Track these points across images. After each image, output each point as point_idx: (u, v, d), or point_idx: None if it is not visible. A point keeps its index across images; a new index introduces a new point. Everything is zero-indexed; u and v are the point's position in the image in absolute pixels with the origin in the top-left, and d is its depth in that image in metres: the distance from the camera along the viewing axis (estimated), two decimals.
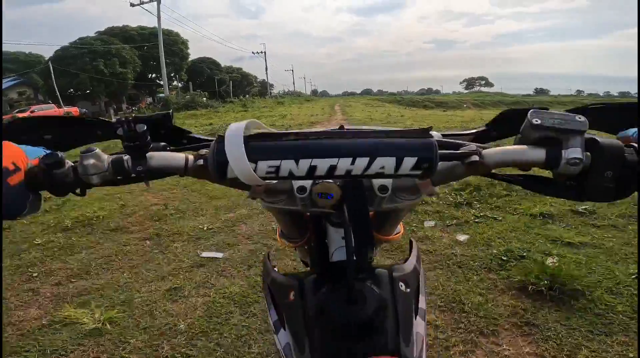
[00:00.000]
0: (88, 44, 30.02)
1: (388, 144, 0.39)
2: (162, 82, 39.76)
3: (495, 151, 0.44)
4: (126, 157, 0.43)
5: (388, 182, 0.49)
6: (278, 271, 0.59)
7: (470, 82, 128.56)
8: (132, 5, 26.57)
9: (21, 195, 0.39)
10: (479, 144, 0.45)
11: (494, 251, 2.54)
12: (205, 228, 3.18)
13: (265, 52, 63.10)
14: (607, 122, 0.52)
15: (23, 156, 0.40)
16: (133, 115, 0.48)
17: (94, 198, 4.04)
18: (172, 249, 2.85)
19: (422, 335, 0.50)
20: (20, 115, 14.42)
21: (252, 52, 64.22)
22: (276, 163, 0.39)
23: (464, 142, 0.46)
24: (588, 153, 0.41)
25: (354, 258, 0.47)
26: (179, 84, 43.97)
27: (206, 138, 0.57)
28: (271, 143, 0.40)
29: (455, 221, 3.10)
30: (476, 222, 3.07)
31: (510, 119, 0.56)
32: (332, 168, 0.39)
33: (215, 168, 0.40)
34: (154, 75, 38.48)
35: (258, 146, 0.39)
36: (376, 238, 0.64)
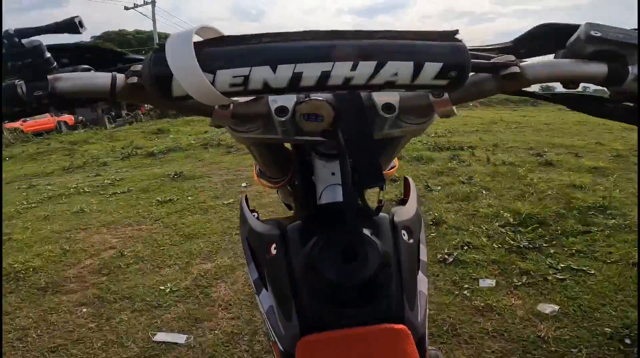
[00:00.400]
0: None
1: (404, 46, 0.30)
2: None
3: (538, 62, 0.37)
4: (19, 82, 0.34)
5: (395, 99, 0.39)
6: (258, 217, 0.51)
7: None
8: (127, 8, 25.80)
9: None
10: (514, 57, 0.36)
11: (607, 330, 1.64)
12: (167, 290, 2.24)
13: None
14: None
15: None
16: (14, 29, 0.33)
17: (34, 239, 3.14)
18: (115, 324, 1.96)
19: (425, 293, 0.43)
20: (10, 125, 13.53)
21: None
22: (244, 71, 0.30)
23: (496, 55, 0.37)
24: None
25: (350, 198, 0.38)
26: None
27: (130, 55, 0.45)
28: (235, 46, 0.30)
29: (525, 277, 2.15)
30: (559, 279, 2.11)
31: (546, 36, 0.44)
32: (325, 77, 0.30)
33: (154, 83, 0.31)
34: None
35: (215, 51, 0.30)
36: None
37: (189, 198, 4.14)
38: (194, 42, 0.29)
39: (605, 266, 2.18)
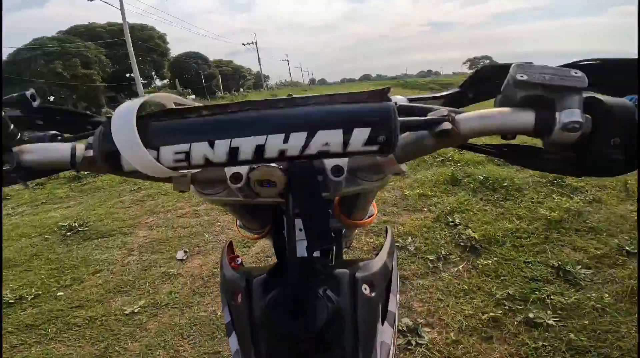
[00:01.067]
0: (41, 45, 26.57)
1: (331, 112, 0.30)
2: (155, 83, 36.93)
3: (471, 115, 0.34)
4: None
5: (343, 162, 0.40)
6: (241, 262, 0.54)
7: (474, 63, 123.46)
8: None
9: None
10: (452, 109, 0.35)
11: None
12: None
13: (256, 43, 59.96)
14: (607, 83, 0.37)
15: None
16: None
17: None
18: None
19: (388, 343, 0.44)
20: None
21: (242, 44, 61.19)
22: (184, 147, 0.30)
23: (432, 106, 0.36)
24: (588, 116, 0.32)
25: (307, 255, 0.41)
26: (160, 82, 40.58)
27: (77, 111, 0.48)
28: (176, 121, 0.31)
29: None
30: None
31: (489, 78, 0.44)
32: (260, 149, 0.30)
33: (103, 160, 0.32)
34: (130, 74, 35.08)
35: (157, 127, 0.31)
36: (347, 224, 0.58)
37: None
38: (138, 117, 0.30)
39: None
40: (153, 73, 39.34)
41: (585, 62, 0.38)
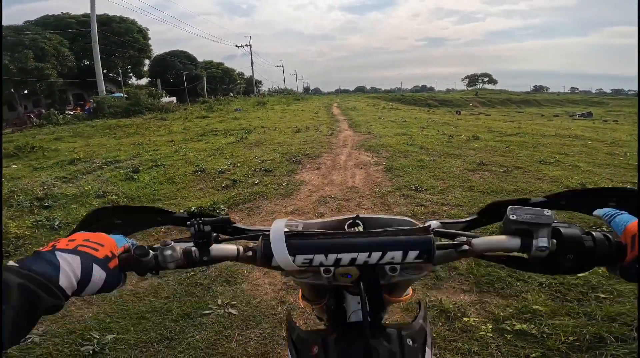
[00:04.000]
0: None
1: (397, 241, 0.55)
2: (131, 80, 33.68)
3: (481, 241, 0.58)
4: (193, 248, 0.57)
5: (397, 265, 0.60)
6: (300, 328, 0.70)
7: (472, 79, 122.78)
8: None
9: (117, 275, 0.53)
10: (470, 234, 0.61)
11: None
12: None
13: (250, 46, 57.26)
14: (582, 204, 0.65)
15: (115, 245, 0.54)
16: (201, 219, 0.58)
17: None
18: None
19: None
20: None
21: (236, 46, 58.33)
22: (310, 256, 0.55)
23: (458, 232, 0.63)
24: (554, 240, 0.54)
25: (369, 320, 0.58)
26: (137, 80, 37.45)
27: (248, 228, 0.70)
28: (306, 241, 0.56)
29: None
30: None
31: (496, 210, 0.66)
32: (353, 260, 0.55)
33: (263, 261, 0.58)
34: (104, 70, 31.92)
35: (296, 243, 0.55)
36: (387, 300, 0.72)
37: None
38: (285, 234, 0.56)
39: None
40: (129, 69, 36.13)
41: (565, 193, 0.66)
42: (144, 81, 40.27)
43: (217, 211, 3.85)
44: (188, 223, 0.57)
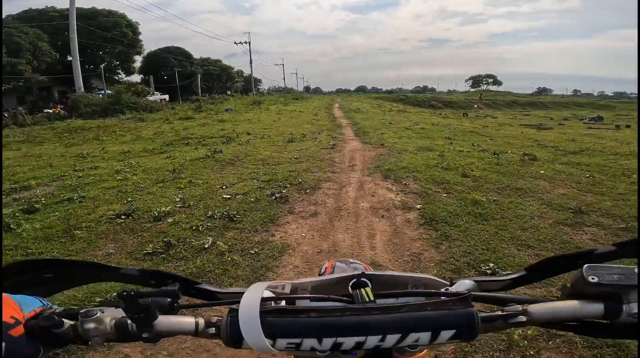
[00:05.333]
0: None
1: (423, 319, 0.39)
2: (121, 76, 31.64)
3: (545, 307, 0.43)
4: (129, 321, 0.43)
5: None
6: None
7: (476, 81, 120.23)
8: None
9: (25, 345, 0.41)
10: (523, 297, 0.47)
11: None
12: None
13: (249, 43, 55.21)
14: None
15: (18, 310, 0.42)
16: (133, 291, 0.43)
17: None
18: None
19: None
20: None
21: (235, 43, 56.32)
22: (297, 340, 0.40)
23: (506, 296, 0.47)
24: None
25: None
26: (126, 77, 35.24)
27: (217, 290, 0.55)
28: (290, 319, 0.40)
29: None
30: None
31: (554, 264, 0.53)
32: (360, 344, 0.39)
33: (229, 341, 0.42)
34: (91, 66, 29.82)
35: (276, 322, 0.40)
36: None
37: None
38: (260, 311, 0.40)
39: None
40: (117, 65, 34.02)
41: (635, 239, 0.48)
42: (137, 78, 38.33)
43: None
44: (117, 292, 0.44)
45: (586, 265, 0.43)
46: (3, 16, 25.13)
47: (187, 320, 0.45)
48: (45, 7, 30.36)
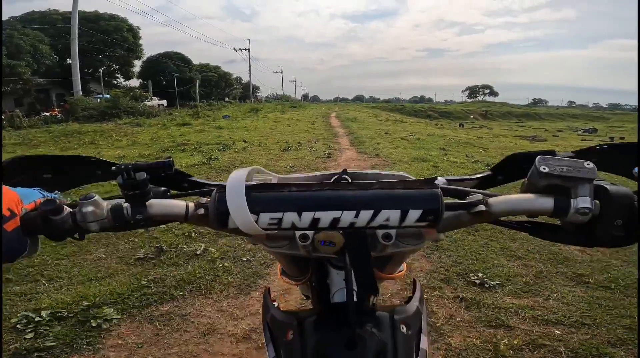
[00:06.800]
0: None
1: (393, 196, 0.41)
2: (119, 81, 31.65)
3: (501, 199, 0.45)
4: (125, 204, 0.44)
5: (392, 230, 0.49)
6: (278, 307, 0.60)
7: (473, 91, 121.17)
8: None
9: (18, 240, 0.41)
10: (485, 192, 0.48)
11: None
12: None
13: (248, 49, 55.57)
14: (617, 163, 0.54)
15: (18, 201, 0.41)
16: (131, 164, 0.45)
17: None
18: None
19: None
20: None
21: (234, 49, 56.66)
22: (278, 215, 0.41)
23: (470, 190, 0.49)
24: (597, 201, 0.41)
25: (355, 301, 0.50)
26: (125, 81, 35.32)
27: (208, 182, 0.61)
28: (273, 193, 0.42)
29: None
30: None
31: (516, 163, 0.57)
32: (336, 221, 0.41)
33: (216, 219, 0.42)
34: (90, 70, 29.90)
35: (260, 197, 0.41)
36: (378, 276, 0.64)
37: None
38: (245, 186, 0.41)
39: None
40: (116, 69, 34.12)
41: (598, 147, 0.54)
42: (136, 83, 38.41)
43: None
44: (113, 167, 0.45)
45: (539, 156, 0.44)
46: (4, 18, 25.21)
47: (178, 203, 0.46)
48: (48, 9, 30.52)
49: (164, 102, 32.68)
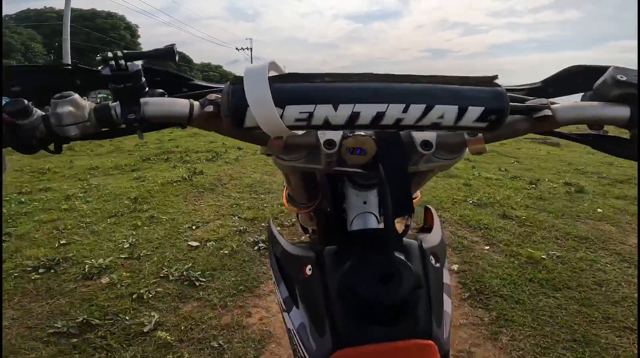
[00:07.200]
0: None
1: (450, 91, 0.35)
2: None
3: (569, 105, 0.42)
4: (114, 103, 0.39)
5: (432, 136, 0.44)
6: (287, 240, 0.55)
7: None
8: None
9: None
10: (547, 99, 0.43)
11: None
12: None
13: (251, 49, 54.84)
14: None
15: None
16: (123, 51, 0.39)
17: None
18: None
19: (449, 313, 0.48)
20: None
21: (236, 48, 56.00)
22: (309, 107, 0.34)
23: (529, 97, 0.45)
24: None
25: (381, 227, 0.44)
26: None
27: (214, 85, 0.52)
28: (302, 84, 0.35)
29: None
30: None
31: (574, 77, 0.53)
32: (379, 116, 0.34)
33: (231, 114, 0.35)
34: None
35: (287, 87, 0.35)
36: None
37: None
38: (268, 77, 0.34)
39: None
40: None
41: None
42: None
43: None
44: (99, 56, 0.38)
45: (613, 66, 0.42)
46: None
47: (179, 101, 0.40)
48: (44, 7, 29.85)
49: None
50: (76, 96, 0.37)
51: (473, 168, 5.92)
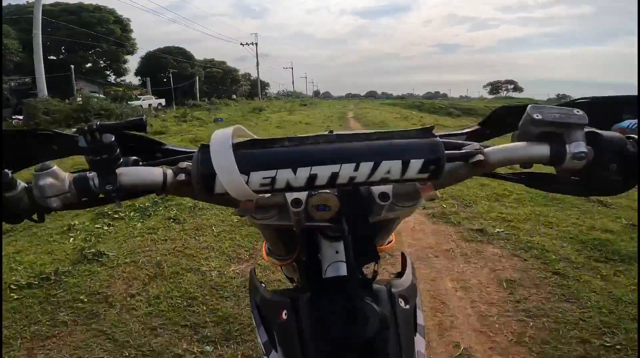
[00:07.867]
0: None
1: (393, 146, 0.38)
2: (122, 79, 28.92)
3: (498, 149, 0.44)
4: (91, 174, 0.39)
5: (389, 189, 0.48)
6: (265, 287, 0.58)
7: (495, 87, 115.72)
8: None
9: None
10: (481, 144, 0.45)
11: None
12: None
13: (256, 44, 52.65)
14: (598, 116, 0.50)
15: None
16: (97, 123, 0.40)
17: None
18: None
19: (423, 353, 0.49)
20: None
21: (241, 44, 53.92)
22: (271, 173, 0.37)
23: (465, 142, 0.46)
24: (590, 147, 0.41)
25: (353, 267, 0.46)
26: (116, 79, 32.52)
27: (185, 149, 0.54)
28: (265, 150, 0.38)
29: None
30: None
31: (504, 117, 0.56)
32: (334, 176, 0.37)
33: (200, 183, 0.38)
34: (73, 67, 27.14)
35: (250, 154, 0.37)
36: None
37: None
38: (232, 144, 0.36)
39: None
40: (106, 66, 31.38)
41: (581, 100, 0.52)
42: (134, 80, 35.91)
43: None
44: (74, 130, 0.39)
45: (530, 105, 0.44)
46: None
47: (154, 170, 0.42)
48: (26, 2, 27.94)
49: (162, 101, 29.85)
50: (55, 167, 0.38)
51: None
